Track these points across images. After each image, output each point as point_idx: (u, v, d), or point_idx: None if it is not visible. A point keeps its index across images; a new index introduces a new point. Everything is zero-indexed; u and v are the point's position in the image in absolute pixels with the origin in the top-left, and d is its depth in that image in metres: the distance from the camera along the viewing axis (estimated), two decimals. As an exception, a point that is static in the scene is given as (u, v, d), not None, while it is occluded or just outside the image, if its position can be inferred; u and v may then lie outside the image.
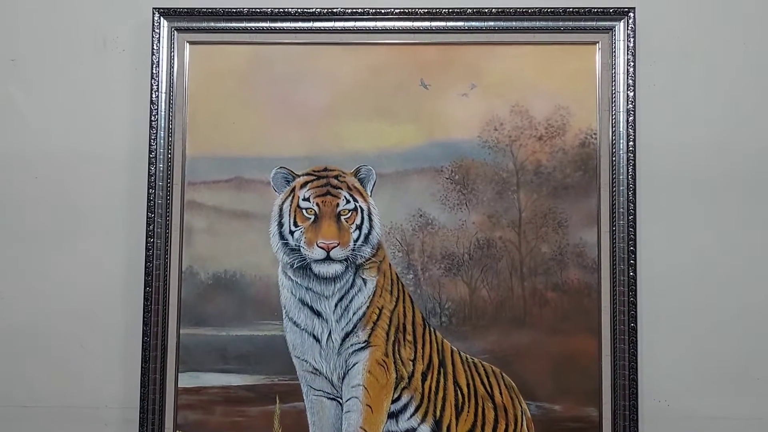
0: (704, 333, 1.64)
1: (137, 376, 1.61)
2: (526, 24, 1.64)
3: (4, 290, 1.69)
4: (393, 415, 1.60)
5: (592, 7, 1.64)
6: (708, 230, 1.66)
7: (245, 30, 1.65)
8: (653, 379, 1.63)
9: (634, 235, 1.61)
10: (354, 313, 1.61)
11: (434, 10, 1.64)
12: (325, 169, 1.63)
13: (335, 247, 1.60)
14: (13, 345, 1.68)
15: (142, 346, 1.61)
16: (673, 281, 1.65)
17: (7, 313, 1.68)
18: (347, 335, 1.61)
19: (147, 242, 1.62)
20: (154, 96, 1.64)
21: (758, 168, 1.66)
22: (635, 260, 1.60)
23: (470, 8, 1.64)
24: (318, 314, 1.62)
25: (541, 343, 1.62)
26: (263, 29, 1.65)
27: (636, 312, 1.60)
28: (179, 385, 1.62)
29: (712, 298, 1.65)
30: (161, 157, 1.63)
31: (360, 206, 1.62)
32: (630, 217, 1.61)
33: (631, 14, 1.63)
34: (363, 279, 1.62)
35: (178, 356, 1.63)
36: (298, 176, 1.63)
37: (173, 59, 1.65)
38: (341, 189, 1.62)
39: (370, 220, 1.62)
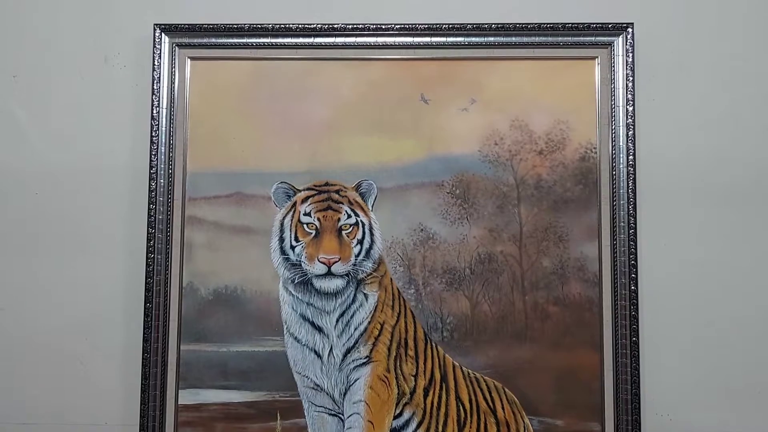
0: (707, 346, 1.64)
1: (137, 392, 1.60)
2: (525, 39, 1.65)
3: (4, 305, 1.68)
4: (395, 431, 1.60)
5: (591, 23, 1.65)
6: (709, 243, 1.66)
7: (246, 45, 1.66)
8: (656, 394, 1.63)
9: (635, 248, 1.61)
10: (355, 329, 1.61)
11: (434, 26, 1.65)
12: (326, 184, 1.64)
13: (336, 261, 1.60)
14: (12, 361, 1.67)
15: (142, 362, 1.60)
16: (675, 294, 1.65)
17: (7, 328, 1.67)
18: (349, 351, 1.61)
19: (147, 258, 1.61)
20: (155, 111, 1.64)
21: (758, 180, 1.67)
22: (636, 274, 1.60)
23: (470, 24, 1.65)
24: (319, 329, 1.61)
25: (543, 358, 1.61)
26: (264, 45, 1.66)
27: (638, 326, 1.60)
28: (179, 402, 1.61)
29: (714, 311, 1.65)
30: (162, 172, 1.63)
31: (361, 221, 1.62)
32: (630, 231, 1.61)
33: (630, 29, 1.64)
34: (364, 294, 1.61)
35: (179, 373, 1.62)
36: (299, 191, 1.63)
37: (174, 75, 1.66)
38: (342, 204, 1.62)
39: (371, 234, 1.62)
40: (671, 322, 1.64)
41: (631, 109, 1.63)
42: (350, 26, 1.65)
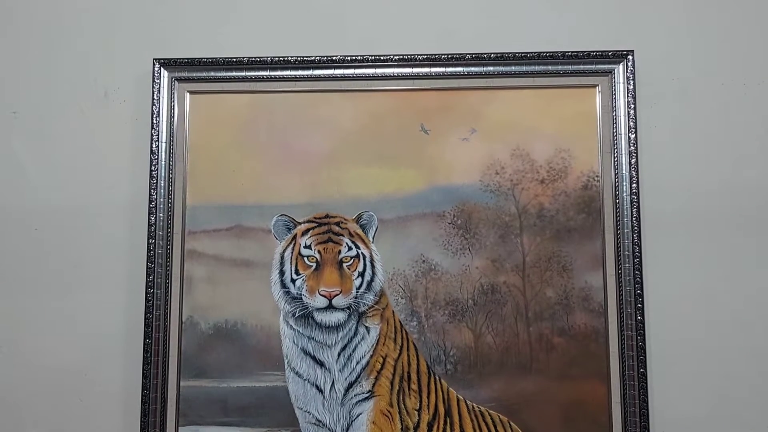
0: (717, 377, 1.61)
1: (137, 430, 1.57)
2: (525, 68, 1.65)
3: (2, 341, 1.66)
4: (399, 468, 1.57)
5: (591, 51, 1.64)
6: (716, 271, 1.63)
7: (245, 79, 1.66)
8: (665, 427, 1.59)
9: (641, 278, 1.58)
10: (357, 363, 1.58)
11: (433, 56, 1.65)
12: (327, 216, 1.62)
13: (337, 294, 1.58)
14: (11, 398, 1.65)
15: (142, 399, 1.58)
16: (683, 324, 1.62)
17: (5, 364, 1.66)
18: (351, 385, 1.58)
19: (147, 293, 1.60)
20: (154, 146, 1.64)
21: (763, 207, 1.64)
22: (642, 303, 1.58)
23: (469, 54, 1.64)
24: (320, 364, 1.59)
25: (548, 390, 1.58)
26: (263, 78, 1.66)
27: (645, 357, 1.57)
28: (179, 440, 1.59)
29: (723, 341, 1.61)
30: (161, 206, 1.62)
31: (362, 253, 1.60)
32: (636, 260, 1.59)
33: (630, 57, 1.64)
34: (366, 327, 1.59)
35: (178, 409, 1.59)
36: (300, 224, 1.62)
37: (173, 109, 1.66)
38: (343, 236, 1.61)
39: (373, 266, 1.60)
40: (679, 353, 1.61)
41: (633, 136, 1.62)
42: (349, 58, 1.65)
